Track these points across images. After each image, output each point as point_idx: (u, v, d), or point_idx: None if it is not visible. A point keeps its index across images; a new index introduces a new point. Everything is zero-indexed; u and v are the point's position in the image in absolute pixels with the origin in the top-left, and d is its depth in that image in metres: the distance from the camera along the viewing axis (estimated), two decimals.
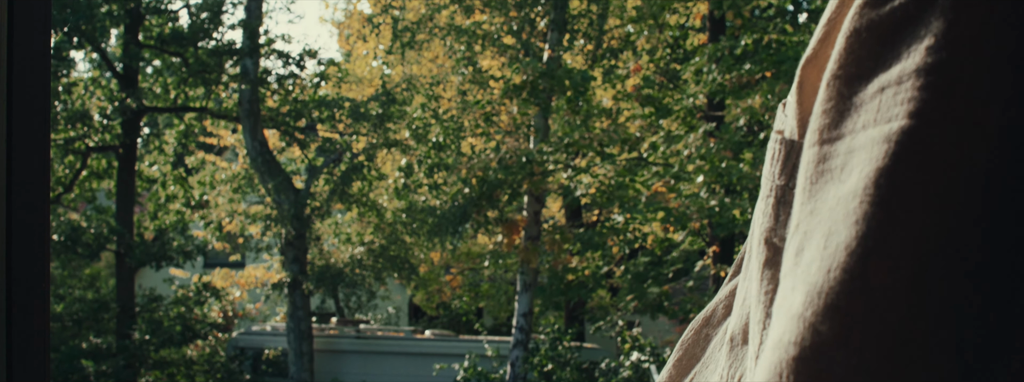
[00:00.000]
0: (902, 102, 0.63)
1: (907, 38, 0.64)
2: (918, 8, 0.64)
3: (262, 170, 18.46)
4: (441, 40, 18.79)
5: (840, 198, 0.64)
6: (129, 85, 19.68)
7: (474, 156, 17.25)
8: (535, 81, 16.15)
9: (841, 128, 0.67)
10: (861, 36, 0.67)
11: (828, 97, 0.68)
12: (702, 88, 14.68)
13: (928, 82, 0.62)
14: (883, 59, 0.65)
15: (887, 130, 0.63)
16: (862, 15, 0.67)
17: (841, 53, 0.68)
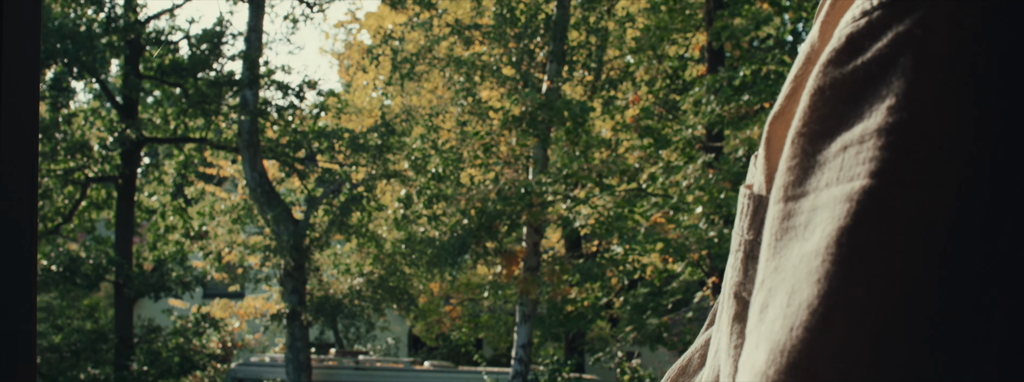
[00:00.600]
0: (864, 161, 0.62)
1: (869, 97, 0.64)
2: (880, 68, 0.64)
3: (261, 201, 18.47)
4: (440, 71, 18.84)
5: (804, 256, 0.64)
6: (129, 116, 19.72)
7: (473, 187, 17.26)
8: (534, 112, 16.18)
9: (805, 185, 0.66)
10: (825, 94, 0.67)
11: (793, 154, 0.68)
12: (701, 119, 14.70)
13: (889, 142, 0.62)
14: (846, 118, 0.65)
15: (849, 189, 0.63)
16: (826, 73, 0.67)
17: (805, 110, 0.68)
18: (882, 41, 0.65)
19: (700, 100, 14.72)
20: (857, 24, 0.66)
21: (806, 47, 0.77)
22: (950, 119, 0.61)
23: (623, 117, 17.65)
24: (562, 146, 16.74)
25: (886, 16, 0.65)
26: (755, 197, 0.82)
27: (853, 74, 0.66)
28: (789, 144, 0.69)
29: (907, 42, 0.63)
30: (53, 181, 19.42)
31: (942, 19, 0.63)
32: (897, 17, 0.65)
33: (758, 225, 0.81)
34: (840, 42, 0.67)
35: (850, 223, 0.61)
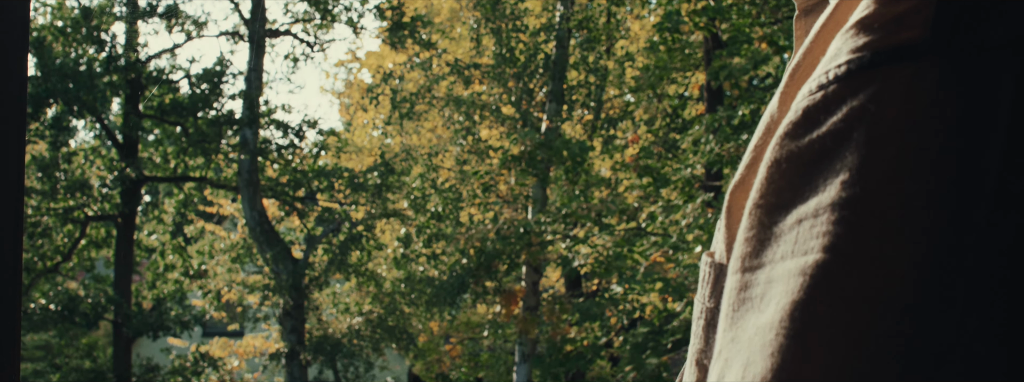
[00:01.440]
0: (817, 235, 0.63)
1: (824, 171, 0.64)
2: (834, 142, 0.64)
3: (261, 240, 18.46)
4: (439, 111, 18.89)
5: (759, 328, 0.64)
6: (129, 155, 19.75)
7: (472, 226, 17.25)
8: (533, 152, 16.19)
9: (762, 257, 0.67)
10: (781, 166, 0.67)
11: (750, 225, 0.68)
12: (700, 158, 14.70)
13: (842, 217, 0.62)
14: (802, 191, 0.65)
15: (803, 263, 0.63)
16: (783, 146, 0.68)
17: (762, 182, 0.68)
18: (837, 115, 0.65)
19: (699, 139, 14.73)
20: (813, 97, 0.67)
21: (766, 118, 0.77)
22: (902, 195, 0.61)
23: (622, 156, 17.66)
24: (561, 185, 16.74)
25: (841, 90, 0.65)
26: (716, 265, 0.82)
27: (809, 147, 0.66)
28: (747, 215, 0.69)
29: (861, 117, 0.64)
30: (53, 220, 19.42)
31: (896, 95, 0.63)
32: (852, 92, 0.65)
33: (718, 293, 0.81)
34: (797, 115, 0.68)
35: (803, 297, 0.62)
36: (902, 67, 0.64)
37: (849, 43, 0.67)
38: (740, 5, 14.58)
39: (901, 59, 0.64)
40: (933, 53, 0.63)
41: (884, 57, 0.65)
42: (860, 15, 0.68)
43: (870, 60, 0.65)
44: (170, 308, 20.33)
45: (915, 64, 0.64)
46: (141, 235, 21.72)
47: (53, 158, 18.73)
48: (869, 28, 0.67)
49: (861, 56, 0.66)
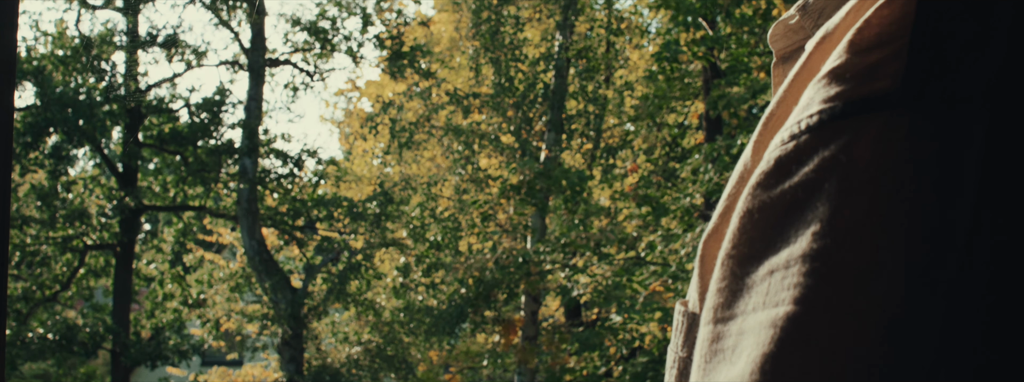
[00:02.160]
0: (788, 287, 0.62)
1: (795, 222, 0.64)
2: (806, 193, 0.64)
3: (260, 269, 18.44)
4: (438, 140, 18.91)
5: (730, 380, 0.64)
6: (128, 184, 19.75)
7: (471, 256, 17.23)
8: (532, 181, 16.20)
9: (734, 308, 0.66)
10: (753, 217, 0.67)
11: (722, 276, 0.68)
12: (699, 187, 14.70)
13: (812, 269, 0.62)
14: (773, 241, 0.65)
15: (774, 315, 0.62)
16: (755, 196, 0.67)
17: (735, 232, 0.68)
18: (808, 166, 0.65)
19: (698, 168, 14.73)
20: (785, 147, 0.67)
21: (740, 166, 0.77)
22: (873, 247, 0.60)
23: (622, 185, 17.66)
24: (560, 214, 16.73)
25: (813, 140, 0.65)
26: (689, 314, 0.82)
27: (780, 198, 0.66)
28: (719, 265, 0.69)
29: (832, 168, 0.63)
30: (51, 248, 19.40)
31: (867, 146, 0.63)
32: (824, 142, 0.65)
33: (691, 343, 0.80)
34: (769, 165, 0.67)
35: (774, 350, 0.61)
36: (873, 118, 0.64)
37: (821, 93, 0.67)
38: (738, 35, 14.63)
39: (872, 110, 0.64)
40: (904, 104, 0.63)
41: (856, 107, 0.65)
42: (832, 65, 0.68)
43: (842, 110, 0.65)
44: (169, 337, 20.27)
45: (886, 115, 0.63)
46: (140, 264, 21.69)
47: (52, 187, 18.74)
48: (841, 78, 0.66)
49: (833, 106, 0.66)
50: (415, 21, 20.32)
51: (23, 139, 17.93)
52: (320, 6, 19.97)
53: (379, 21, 20.16)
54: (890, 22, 0.66)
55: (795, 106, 0.71)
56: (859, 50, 0.66)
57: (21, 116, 18.17)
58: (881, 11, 0.67)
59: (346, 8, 19.96)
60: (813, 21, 0.85)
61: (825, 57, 0.71)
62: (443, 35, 19.92)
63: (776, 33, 0.90)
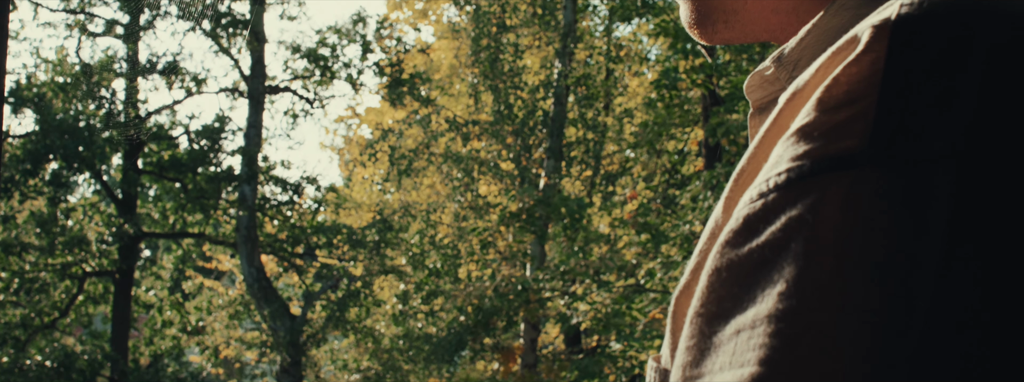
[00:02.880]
0: (754, 348, 0.62)
1: (762, 282, 0.63)
2: (773, 252, 0.63)
3: (259, 296, 18.42)
4: (438, 168, 18.93)
5: None
6: (128, 211, 19.75)
7: (470, 283, 17.22)
8: (531, 209, 16.20)
9: (701, 367, 0.66)
10: (722, 275, 0.66)
11: (691, 334, 0.67)
12: (698, 215, 14.70)
13: (777, 330, 0.61)
14: (741, 301, 0.64)
15: (739, 375, 0.62)
16: (723, 254, 0.67)
17: (704, 290, 0.67)
18: (775, 225, 0.64)
19: (697, 196, 14.73)
20: (753, 205, 0.66)
21: (711, 222, 0.76)
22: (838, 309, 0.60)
23: (621, 212, 17.66)
24: (560, 242, 16.72)
25: (781, 199, 0.65)
26: (661, 370, 0.82)
27: (748, 257, 0.65)
28: (688, 323, 0.68)
29: (799, 228, 0.63)
30: (50, 275, 19.38)
31: (834, 206, 0.62)
32: (791, 201, 0.64)
33: None
34: (737, 223, 0.67)
35: None
36: (840, 177, 0.63)
37: (789, 151, 0.67)
38: (737, 62, 14.67)
39: (840, 169, 0.63)
40: (871, 164, 0.63)
41: (823, 166, 0.64)
42: (801, 123, 0.67)
43: (809, 169, 0.65)
44: (167, 364, 20.24)
45: (854, 174, 0.63)
46: (139, 291, 21.67)
47: (51, 214, 18.73)
48: (809, 136, 0.66)
49: (801, 165, 0.65)
50: (415, 48, 20.39)
51: (22, 166, 17.94)
52: (320, 33, 20.04)
53: (379, 48, 20.24)
54: (858, 80, 0.65)
55: (765, 163, 0.71)
56: (827, 108, 0.66)
57: (21, 143, 18.20)
58: (849, 69, 0.66)
59: (346, 35, 20.03)
60: (788, 73, 0.85)
61: (795, 113, 0.71)
62: (443, 62, 19.98)
63: (752, 84, 0.90)
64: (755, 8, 0.93)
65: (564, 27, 17.85)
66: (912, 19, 0.66)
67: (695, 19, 0.97)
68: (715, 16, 0.95)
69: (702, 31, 0.97)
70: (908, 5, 0.67)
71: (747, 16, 0.93)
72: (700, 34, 0.97)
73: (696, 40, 0.95)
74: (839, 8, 0.82)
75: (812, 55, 0.82)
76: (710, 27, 0.96)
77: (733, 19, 0.95)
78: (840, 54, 0.69)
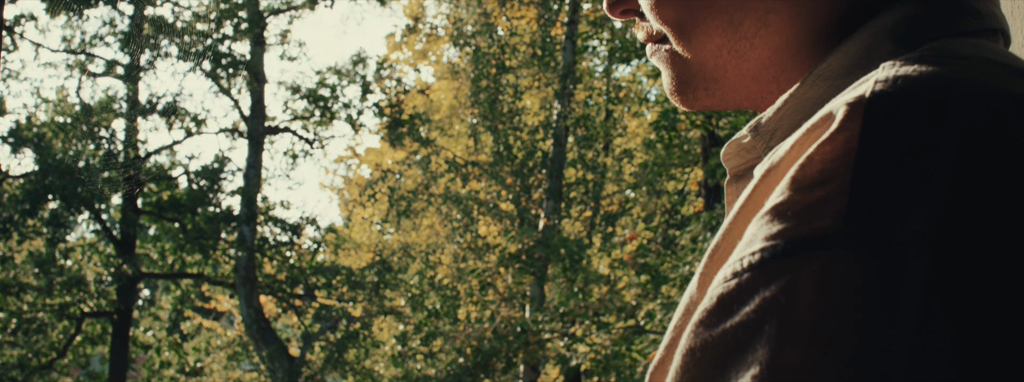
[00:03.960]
0: None
1: (736, 363, 0.62)
2: (747, 334, 0.62)
3: (257, 337, 18.38)
4: (437, 208, 18.94)
5: None
6: (126, 251, 19.74)
7: (470, 325, 17.18)
8: (531, 250, 16.19)
9: None
10: (695, 355, 0.65)
11: None
12: (698, 256, 14.67)
13: None
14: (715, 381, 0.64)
15: None
16: (697, 334, 0.66)
17: (677, 370, 0.66)
18: (750, 305, 0.63)
19: (697, 236, 14.72)
20: (727, 285, 0.65)
21: (686, 298, 0.76)
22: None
23: (621, 252, 17.65)
24: (559, 283, 16.70)
25: (754, 280, 0.64)
26: None
27: (722, 337, 0.64)
28: None
29: (772, 309, 0.62)
30: (48, 316, 19.35)
31: (807, 287, 0.61)
32: (765, 282, 0.63)
33: None
34: (712, 302, 0.66)
35: None
36: (814, 258, 0.62)
37: (764, 230, 0.66)
38: None
39: (813, 250, 0.63)
40: (845, 245, 0.62)
41: (797, 247, 0.63)
42: (775, 201, 0.67)
43: (783, 249, 0.64)
44: None
45: (827, 254, 0.62)
46: (137, 331, 21.61)
47: (50, 254, 18.72)
48: (783, 216, 0.65)
49: (775, 245, 0.64)
50: (414, 89, 20.46)
51: (21, 206, 17.95)
52: (320, 74, 20.12)
53: (379, 89, 20.31)
54: (832, 159, 0.65)
55: (739, 240, 0.70)
56: (801, 187, 0.65)
57: (21, 183, 18.21)
58: (823, 147, 0.66)
59: (346, 76, 20.11)
60: (765, 142, 0.85)
61: (770, 190, 0.70)
62: (442, 103, 20.03)
63: (729, 152, 0.89)
64: (735, 77, 0.93)
65: (563, 68, 17.92)
66: (886, 98, 0.66)
67: (676, 87, 0.97)
68: (695, 84, 0.96)
69: (683, 98, 0.97)
70: (883, 82, 0.67)
71: (727, 84, 0.94)
72: (681, 101, 0.97)
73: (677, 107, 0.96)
74: (817, 79, 0.82)
75: (789, 125, 0.82)
76: (691, 95, 0.97)
77: (713, 87, 0.95)
78: (815, 131, 0.68)
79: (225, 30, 19.30)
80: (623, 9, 0.99)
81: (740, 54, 0.91)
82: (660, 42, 0.97)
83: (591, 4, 18.50)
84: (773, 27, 0.88)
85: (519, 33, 18.69)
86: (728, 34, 0.90)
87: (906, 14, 0.82)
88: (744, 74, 0.92)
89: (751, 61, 0.91)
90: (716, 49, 0.91)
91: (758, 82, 0.92)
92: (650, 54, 0.98)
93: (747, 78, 0.92)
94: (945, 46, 0.76)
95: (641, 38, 0.99)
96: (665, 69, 0.98)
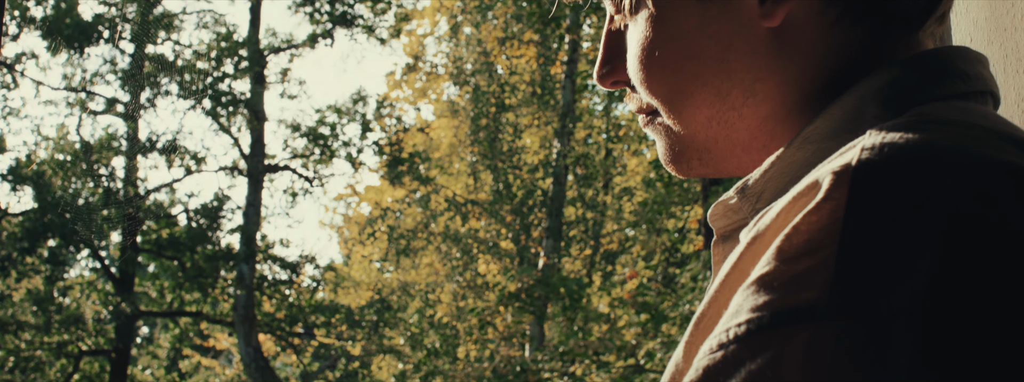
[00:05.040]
0: None
1: None
2: None
3: (256, 376, 18.29)
4: (436, 247, 18.93)
5: None
6: (125, 289, 19.69)
7: (469, 364, 17.12)
8: (530, 289, 16.16)
9: None
10: None
11: None
12: (698, 294, 14.64)
13: None
14: None
15: None
16: None
17: None
18: (735, 378, 0.62)
19: (697, 275, 14.69)
20: (713, 356, 0.64)
21: (672, 367, 0.75)
22: None
23: (622, 291, 17.61)
24: (559, 322, 16.65)
25: (740, 352, 0.63)
26: None
27: None
28: None
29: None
30: (46, 354, 19.28)
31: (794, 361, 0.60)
32: (750, 354, 0.62)
33: None
34: (697, 374, 0.65)
35: None
36: (800, 330, 0.61)
37: (750, 301, 0.65)
38: None
39: (799, 321, 0.62)
40: (831, 317, 0.61)
41: (783, 319, 0.63)
42: (761, 271, 0.66)
43: (769, 321, 0.63)
44: None
45: (813, 327, 0.61)
46: (135, 370, 21.53)
47: (48, 292, 18.69)
48: (769, 287, 0.64)
49: (760, 316, 0.64)
50: (414, 127, 20.49)
51: (20, 244, 17.93)
52: (320, 112, 20.16)
53: (378, 127, 20.34)
54: (818, 229, 0.64)
55: (725, 308, 0.69)
56: (787, 258, 0.64)
57: (20, 221, 18.21)
58: (809, 217, 0.65)
59: (346, 114, 20.14)
60: (751, 204, 0.84)
61: (756, 259, 0.69)
62: (442, 141, 20.06)
63: (716, 213, 0.89)
64: (726, 147, 0.94)
65: (563, 106, 17.95)
66: (872, 166, 0.65)
67: (670, 158, 0.99)
68: (689, 154, 0.97)
69: (678, 168, 0.99)
70: (869, 150, 0.66)
71: (719, 154, 0.95)
72: (676, 171, 0.99)
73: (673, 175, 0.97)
74: (804, 141, 0.82)
75: (776, 188, 0.82)
76: (685, 164, 0.98)
77: (706, 157, 0.96)
78: (801, 199, 0.68)
79: (225, 68, 19.36)
80: (613, 80, 1.00)
81: (729, 124, 0.92)
82: (652, 113, 0.99)
83: (590, 43, 18.57)
84: (761, 96, 0.89)
85: (519, 72, 18.75)
86: (716, 105, 0.91)
87: (893, 77, 0.81)
88: (734, 144, 0.93)
89: (741, 131, 0.92)
90: (705, 120, 0.92)
91: (748, 151, 0.93)
92: (643, 125, 0.99)
93: (738, 147, 0.93)
94: (932, 111, 0.75)
95: (633, 108, 1.00)
96: (659, 140, 0.99)
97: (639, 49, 0.93)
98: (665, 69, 0.92)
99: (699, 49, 0.90)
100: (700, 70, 0.90)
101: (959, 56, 0.85)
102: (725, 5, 0.89)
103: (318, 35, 19.99)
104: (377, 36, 20.09)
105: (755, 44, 0.88)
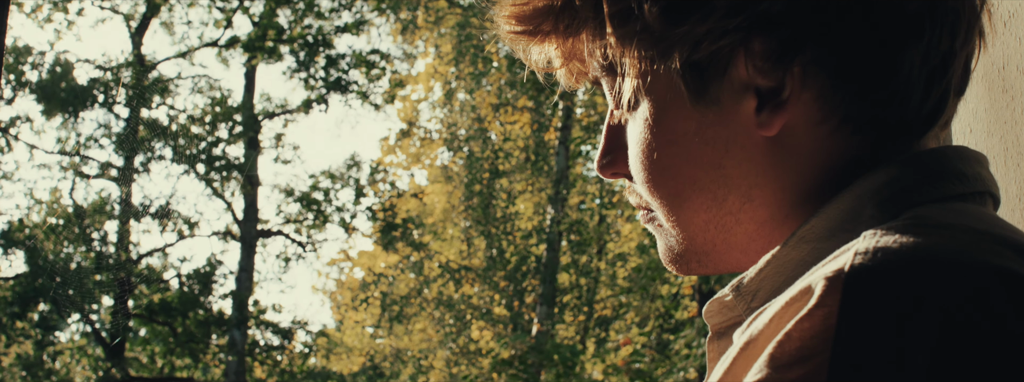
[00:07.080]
0: None
1: None
2: None
3: None
4: (429, 313, 18.88)
5: None
6: (116, 354, 19.56)
7: None
8: (524, 356, 16.08)
9: None
10: None
11: None
12: (693, 362, 14.58)
13: None
14: None
15: None
16: None
17: None
18: None
19: (691, 342, 14.63)
20: None
21: None
22: None
23: (615, 357, 17.53)
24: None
25: None
26: None
27: None
28: None
29: None
30: None
31: None
32: None
33: None
34: None
35: None
36: None
37: None
38: None
39: None
40: None
41: None
42: (754, 379, 0.65)
43: None
44: None
45: None
46: None
47: (38, 357, 18.55)
48: None
49: None
50: (408, 193, 20.50)
51: (11, 309, 17.84)
52: (314, 177, 20.17)
53: (372, 192, 20.35)
54: (811, 336, 0.63)
55: None
56: (779, 365, 0.63)
57: (11, 285, 18.13)
58: (802, 324, 0.63)
59: (339, 179, 20.15)
60: (746, 303, 0.83)
61: (749, 364, 0.68)
62: (436, 206, 20.07)
63: (711, 310, 0.88)
64: (723, 250, 0.94)
65: (556, 173, 17.99)
66: (865, 272, 0.64)
67: (670, 258, 0.99)
68: (688, 257, 0.97)
69: (678, 268, 0.99)
70: (862, 254, 0.65)
71: (717, 257, 0.95)
72: (677, 269, 0.99)
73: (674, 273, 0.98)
74: (799, 241, 0.81)
75: (771, 287, 0.81)
76: (685, 265, 0.98)
77: (705, 259, 0.96)
78: (794, 305, 0.66)
79: (220, 133, 19.40)
80: (614, 172, 1.00)
81: (727, 229, 0.91)
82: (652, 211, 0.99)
83: (584, 109, 18.65)
84: (758, 202, 0.89)
85: (512, 138, 18.82)
86: (713, 210, 0.91)
87: (891, 177, 0.81)
88: (732, 246, 0.93)
89: (738, 235, 0.91)
90: (703, 224, 0.93)
91: (747, 253, 0.93)
92: (643, 221, 0.99)
93: (735, 251, 0.93)
94: (928, 214, 0.74)
95: (633, 202, 1.01)
96: (659, 240, 0.99)
97: (639, 150, 0.94)
98: (664, 172, 0.92)
99: (697, 154, 0.90)
100: (697, 175, 0.90)
101: (958, 156, 0.84)
102: (721, 111, 0.88)
103: (313, 100, 20.07)
104: (371, 102, 20.17)
105: (752, 151, 0.88)
